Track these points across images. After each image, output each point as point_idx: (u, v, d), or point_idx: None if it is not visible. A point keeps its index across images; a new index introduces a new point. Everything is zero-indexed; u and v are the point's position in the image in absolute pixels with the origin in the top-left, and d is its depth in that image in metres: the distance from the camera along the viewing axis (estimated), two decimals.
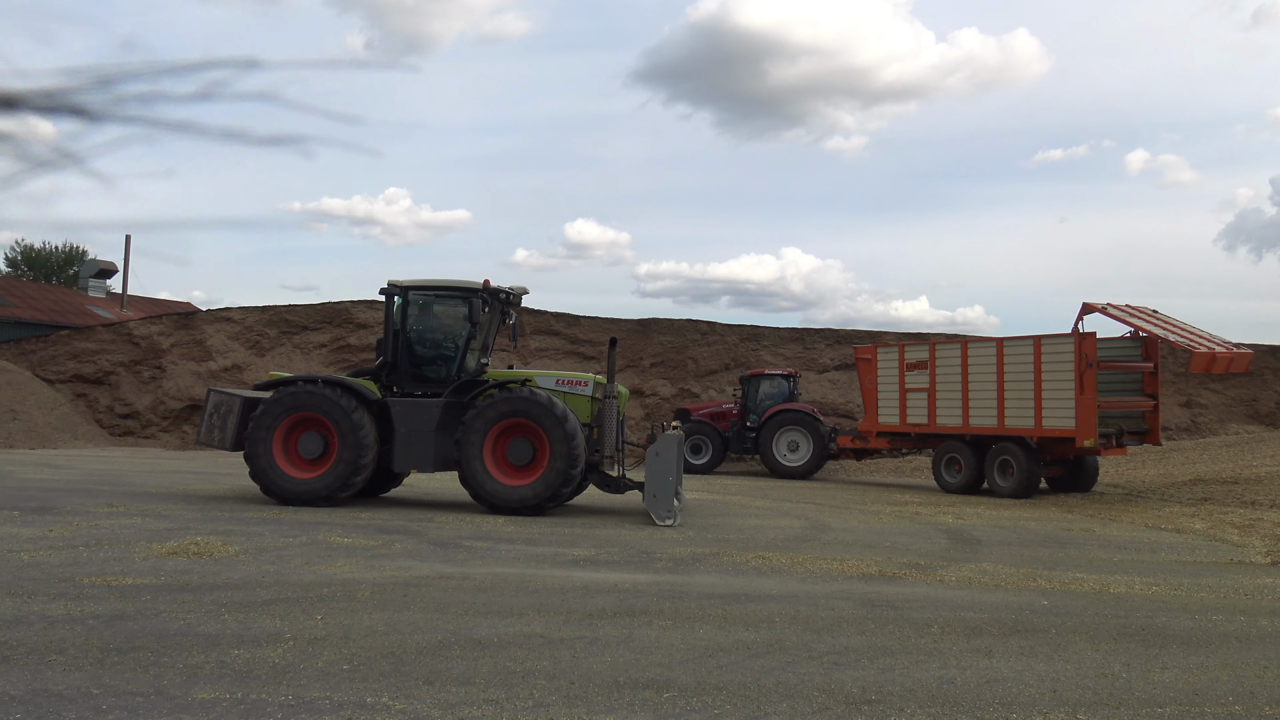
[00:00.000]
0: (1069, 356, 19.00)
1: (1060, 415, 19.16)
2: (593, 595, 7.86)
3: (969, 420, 20.59)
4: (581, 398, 14.18)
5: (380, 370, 14.31)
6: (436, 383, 14.24)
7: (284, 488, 13.59)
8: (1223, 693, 5.65)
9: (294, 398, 13.70)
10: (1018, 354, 19.93)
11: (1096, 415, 18.92)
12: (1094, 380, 18.86)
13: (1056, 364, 19.30)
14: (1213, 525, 14.66)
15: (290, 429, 13.77)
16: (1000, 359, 20.19)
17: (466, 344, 14.44)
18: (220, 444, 14.44)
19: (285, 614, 6.80)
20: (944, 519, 15.15)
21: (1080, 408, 18.77)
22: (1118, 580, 9.56)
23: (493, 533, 11.67)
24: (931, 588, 8.85)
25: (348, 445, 13.46)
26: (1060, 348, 19.21)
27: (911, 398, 21.79)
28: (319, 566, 8.79)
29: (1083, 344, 18.85)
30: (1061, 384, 19.19)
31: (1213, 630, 7.34)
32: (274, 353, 32.61)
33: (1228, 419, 30.62)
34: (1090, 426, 18.76)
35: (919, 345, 22.43)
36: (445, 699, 5.05)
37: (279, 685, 5.17)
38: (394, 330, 14.34)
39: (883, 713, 5.09)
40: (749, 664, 5.94)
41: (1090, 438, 18.82)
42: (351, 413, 13.48)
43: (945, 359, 21.32)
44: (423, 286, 14.45)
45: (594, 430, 14.13)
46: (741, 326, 32.79)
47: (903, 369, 21.97)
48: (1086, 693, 5.57)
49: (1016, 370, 19.94)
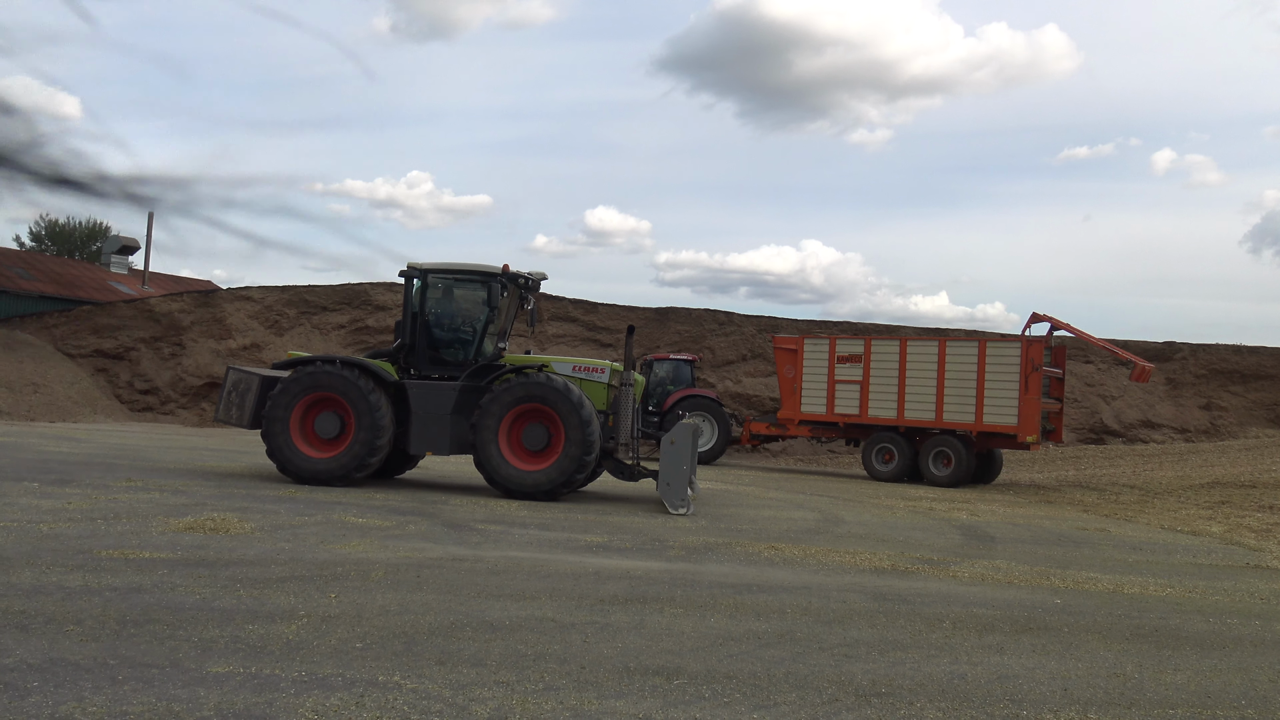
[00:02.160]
0: (1015, 359, 21.05)
1: (1002, 413, 21.09)
2: (605, 581, 7.88)
3: (904, 413, 22.11)
4: (598, 384, 14.19)
5: (398, 352, 14.34)
6: (454, 366, 14.27)
7: (300, 466, 13.66)
8: (1235, 696, 5.62)
9: (312, 378, 13.76)
10: (961, 354, 21.82)
11: (1039, 414, 20.98)
12: (1039, 383, 20.96)
13: (1001, 365, 21.23)
14: (1230, 528, 14.56)
15: (307, 408, 13.84)
16: (942, 357, 21.90)
17: (485, 328, 14.45)
18: (238, 421, 14.54)
19: (299, 591, 6.85)
20: (958, 515, 15.11)
21: (1024, 406, 20.84)
22: (1132, 581, 9.51)
23: (506, 516, 11.71)
24: (944, 583, 8.83)
25: (364, 426, 13.52)
26: (1006, 351, 21.34)
27: (842, 389, 22.90)
28: (333, 545, 8.85)
29: (1030, 349, 21.01)
30: (1005, 384, 21.12)
31: (1227, 633, 7.30)
32: (293, 332, 32.78)
33: (1248, 422, 30.37)
34: (1033, 424, 20.86)
35: (853, 340, 23.49)
36: (456, 679, 5.08)
37: (292, 661, 5.21)
38: (412, 313, 14.37)
39: (892, 705, 5.08)
40: (759, 654, 5.94)
41: (1032, 434, 20.90)
42: (369, 394, 13.53)
43: (881, 354, 22.62)
44: (442, 270, 14.47)
45: (609, 417, 14.14)
46: (759, 318, 32.72)
47: (833, 361, 22.99)
48: (1098, 692, 5.55)
49: (959, 369, 21.70)
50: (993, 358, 21.38)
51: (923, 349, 22.29)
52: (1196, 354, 31.34)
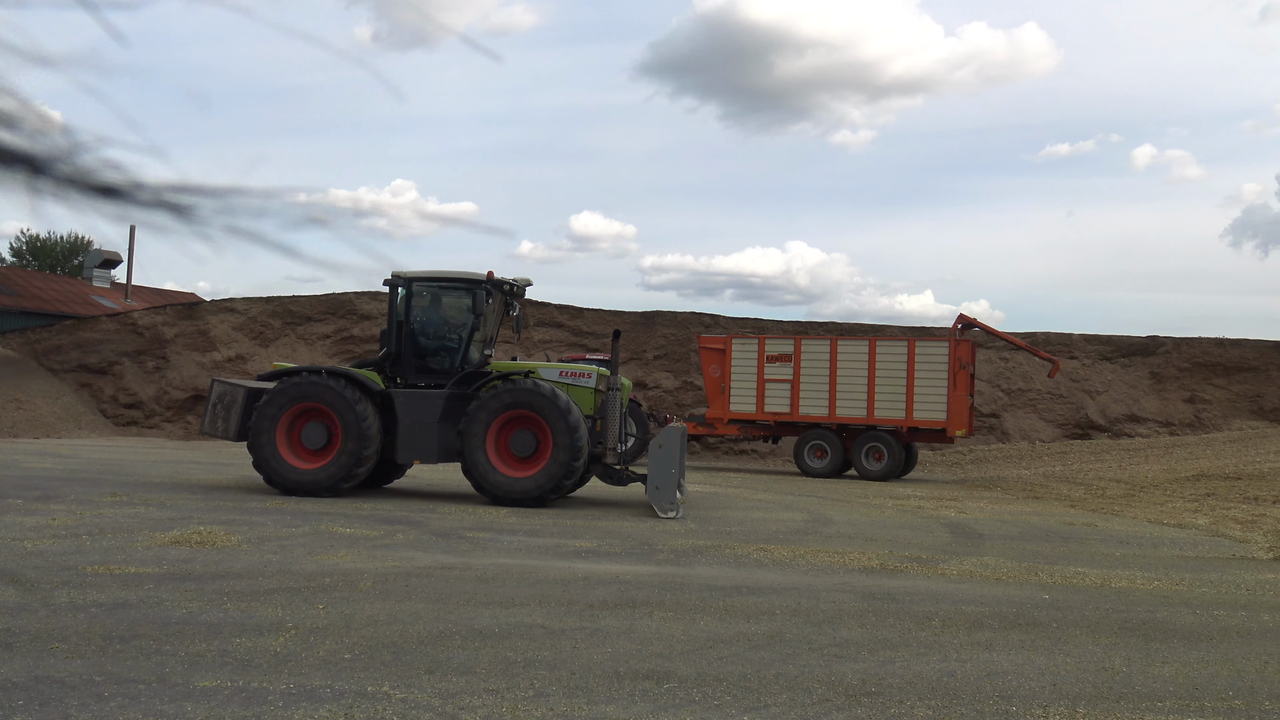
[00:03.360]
0: (943, 358, 22.18)
1: (932, 409, 22.18)
2: (594, 586, 7.87)
3: (835, 410, 22.77)
4: (585, 389, 14.17)
5: (384, 361, 14.30)
6: (440, 374, 14.23)
7: (287, 478, 13.60)
8: (1223, 687, 5.65)
9: (298, 388, 13.70)
10: (891, 352, 22.63)
11: (968, 409, 22.29)
12: (966, 380, 22.22)
13: (930, 363, 22.28)
14: (1215, 521, 14.65)
15: (294, 419, 13.77)
16: (873, 356, 22.64)
17: (470, 335, 14.41)
18: (224, 434, 14.43)
19: (287, 603, 6.82)
20: (946, 513, 15.16)
21: (953, 402, 21.99)
22: (1119, 575, 9.56)
23: (494, 524, 11.68)
24: (933, 581, 8.85)
25: (351, 436, 13.46)
26: (934, 350, 22.45)
27: (772, 388, 23.31)
28: (321, 556, 8.81)
29: (958, 348, 22.18)
30: (934, 381, 22.18)
31: (1214, 625, 7.34)
32: (277, 343, 32.65)
33: (1231, 415, 30.56)
34: (962, 419, 22.12)
35: (782, 339, 24.06)
36: (446, 688, 5.06)
37: (280, 674, 5.18)
38: (397, 321, 14.33)
39: (883, 705, 5.09)
40: (749, 655, 5.95)
41: (961, 428, 22.21)
42: (355, 404, 13.48)
43: (812, 353, 23.21)
44: (426, 278, 14.43)
45: (597, 422, 14.12)
46: (745, 319, 32.76)
47: (762, 360, 23.39)
48: (1087, 686, 5.57)
49: (889, 367, 22.52)
50: (922, 356, 22.42)
51: (853, 348, 22.98)
52: (1180, 347, 31.54)
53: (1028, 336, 31.98)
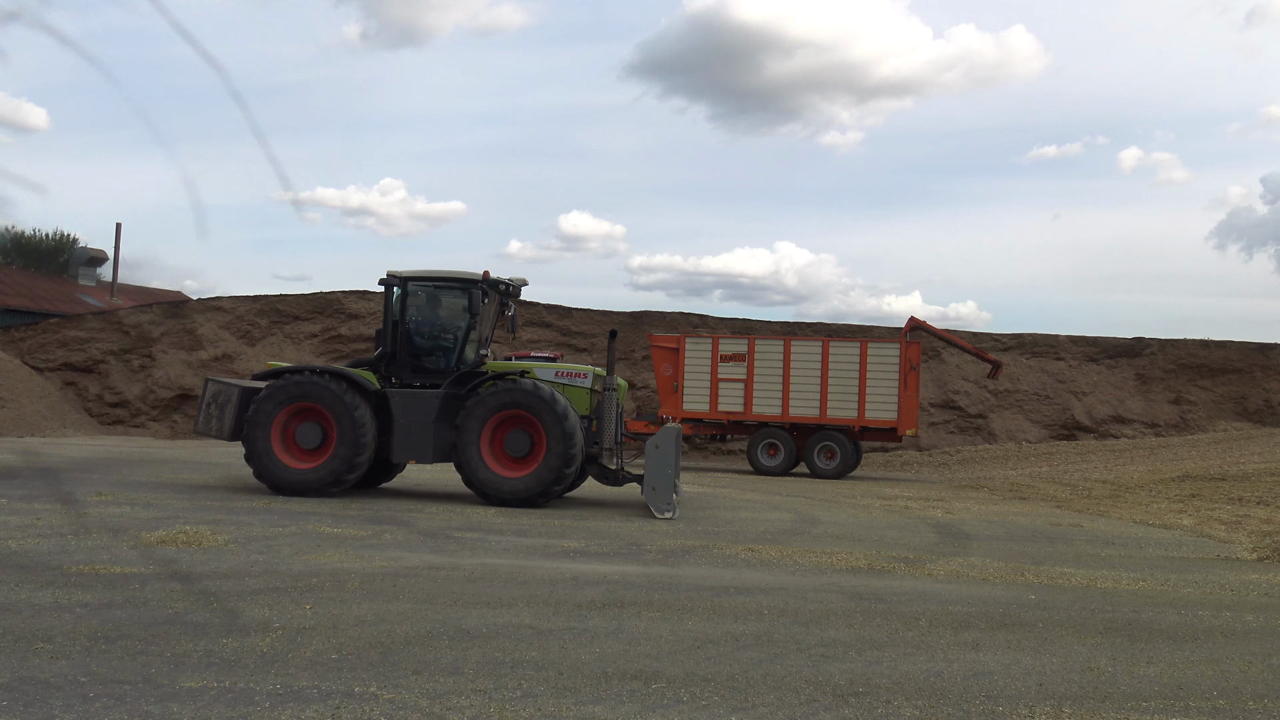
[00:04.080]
0: (894, 359, 22.90)
1: (883, 408, 22.90)
2: (582, 586, 7.87)
3: (789, 410, 23.24)
4: (580, 390, 14.13)
5: (379, 361, 14.26)
6: (435, 374, 14.18)
7: (282, 478, 13.55)
8: (1207, 687, 5.69)
9: (292, 388, 13.65)
10: (843, 353, 23.25)
11: (918, 409, 23.20)
12: (917, 380, 22.98)
13: (881, 364, 22.95)
14: (1200, 521, 14.73)
15: (288, 419, 13.71)
16: (825, 357, 23.26)
17: (466, 335, 14.37)
18: (218, 434, 14.34)
19: (274, 603, 6.80)
20: (933, 513, 15.20)
21: (903, 402, 22.75)
22: (1105, 575, 9.60)
23: (482, 524, 11.67)
24: (920, 581, 8.88)
25: (346, 436, 13.41)
26: (886, 351, 23.11)
27: (725, 387, 23.72)
28: (308, 556, 8.78)
29: (908, 350, 22.92)
30: (886, 381, 22.89)
31: (1198, 625, 7.39)
32: (265, 342, 32.53)
33: (1216, 416, 30.74)
34: (912, 418, 22.88)
35: (736, 339, 24.41)
36: (433, 689, 5.06)
37: (267, 674, 5.16)
38: (393, 321, 14.29)
39: (869, 705, 5.10)
40: (737, 655, 5.95)
41: (912, 428, 22.95)
42: (350, 403, 13.43)
43: (766, 353, 23.64)
44: (422, 277, 14.41)
45: (593, 423, 14.09)
46: (734, 320, 32.79)
47: (715, 360, 23.74)
48: (1072, 686, 5.60)
49: (842, 367, 23.16)
50: (874, 357, 23.06)
51: (806, 349, 23.52)
52: (1165, 349, 31.71)
53: (1015, 338, 32.11)
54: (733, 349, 23.89)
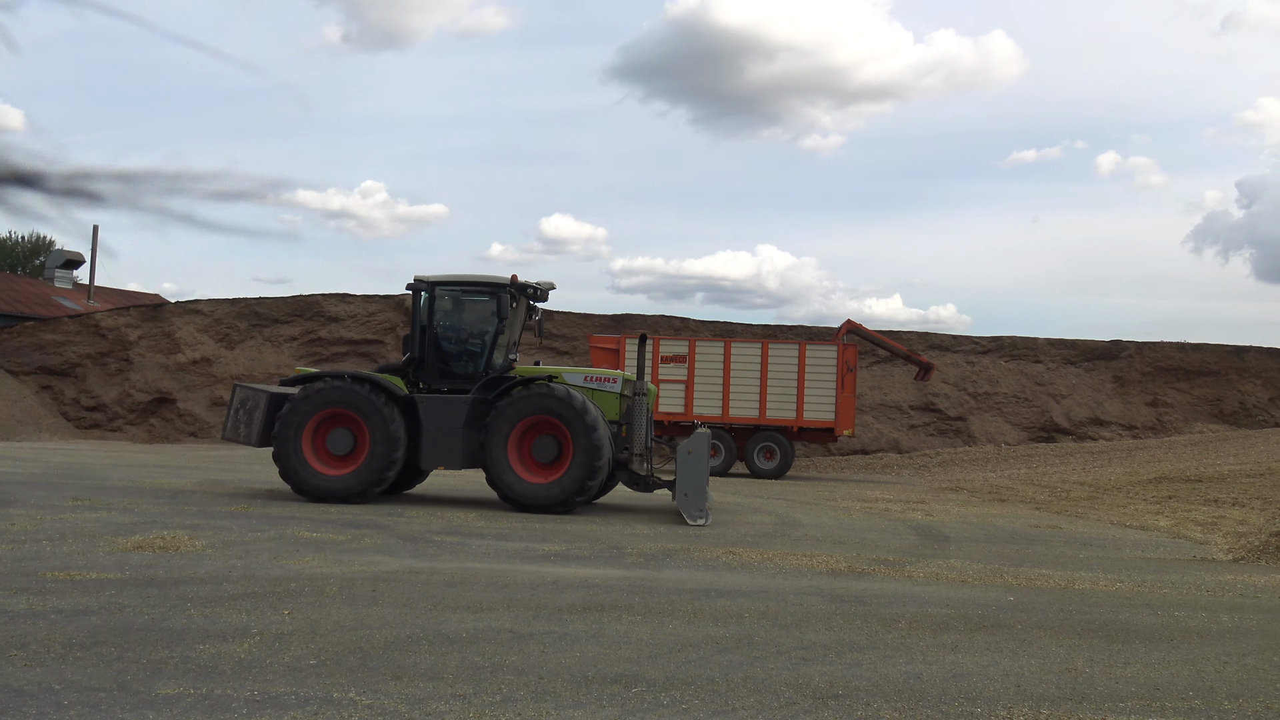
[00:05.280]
0: (832, 361, 23.44)
1: (821, 409, 23.46)
2: (562, 590, 7.85)
3: (729, 410, 23.66)
4: (610, 395, 14.04)
5: (407, 366, 14.19)
6: (464, 379, 14.11)
7: (315, 485, 13.48)
8: (1183, 688, 5.73)
9: (323, 394, 13.59)
10: (782, 356, 23.72)
11: (855, 410, 23.81)
12: (854, 382, 23.69)
13: (819, 367, 23.46)
14: (1176, 523, 14.86)
15: (318, 425, 13.66)
16: (765, 359, 23.67)
17: (494, 340, 14.30)
18: (246, 440, 14.30)
19: (252, 609, 6.75)
20: (913, 516, 15.26)
21: (840, 404, 23.38)
22: (1083, 576, 9.67)
23: (463, 527, 11.63)
24: (900, 584, 8.91)
25: (379, 442, 13.34)
26: (823, 353, 23.65)
27: (666, 388, 24.00)
28: (287, 561, 8.73)
29: (845, 352, 23.56)
30: (824, 383, 23.43)
31: (1174, 626, 7.44)
32: (243, 345, 32.32)
33: (1192, 418, 31.01)
34: (849, 419, 23.53)
35: (676, 340, 24.68)
36: (412, 694, 5.03)
37: (244, 680, 5.13)
38: (420, 326, 14.21)
39: (849, 707, 5.12)
40: (717, 659, 5.96)
41: (849, 429, 23.61)
42: (382, 408, 13.38)
43: (706, 355, 24.01)
44: (450, 282, 14.37)
45: (622, 428, 13.97)
46: (715, 323, 32.85)
47: (656, 361, 23.94)
48: (1050, 687, 5.63)
49: (781, 369, 23.59)
50: (812, 359, 23.52)
51: (746, 350, 23.88)
52: (1142, 352, 31.96)
53: (994, 340, 32.30)
54: (673, 350, 24.05)
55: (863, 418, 30.53)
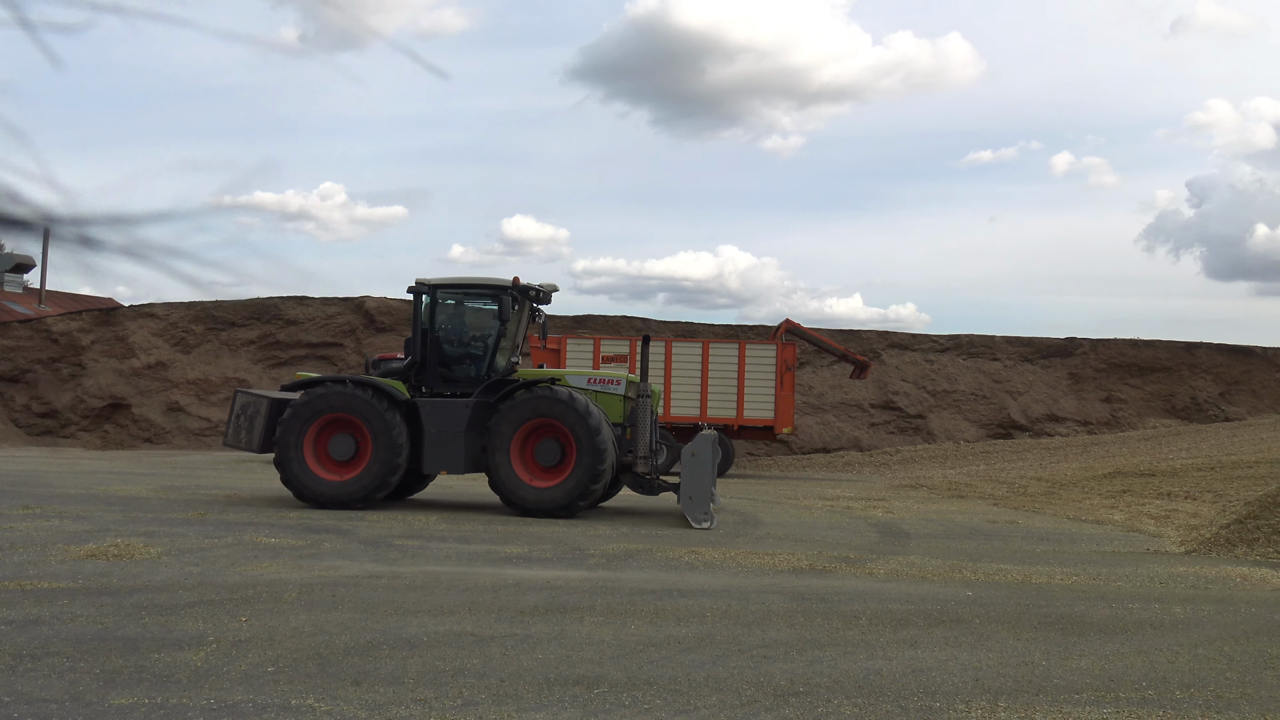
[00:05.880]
0: (771, 360, 23.58)
1: (761, 408, 23.57)
2: (524, 592, 7.83)
3: (670, 409, 23.61)
4: (614, 397, 13.95)
5: (409, 370, 14.05)
6: (466, 382, 13.99)
7: (318, 491, 13.33)
8: (1137, 679, 5.83)
9: (324, 399, 13.45)
10: (723, 355, 23.83)
11: (793, 408, 24.01)
12: (793, 381, 23.85)
13: (759, 365, 23.62)
14: (1130, 516, 15.10)
15: (320, 430, 13.52)
16: (705, 357, 23.78)
17: (496, 343, 14.19)
18: (247, 446, 14.16)
19: (208, 616, 6.66)
20: (874, 513, 15.39)
21: (780, 402, 23.52)
22: (1039, 571, 9.80)
23: (424, 531, 11.56)
24: (860, 580, 8.98)
25: (382, 446, 13.21)
26: (763, 352, 23.80)
27: None
28: (244, 567, 8.62)
29: (784, 351, 23.75)
30: (763, 382, 23.57)
31: (1129, 618, 7.57)
32: (200, 349, 31.89)
33: (1146, 413, 31.55)
34: (788, 417, 23.70)
35: (618, 340, 24.78)
36: (373, 699, 4.99)
37: (200, 689, 5.06)
38: (422, 329, 14.08)
39: (810, 704, 5.15)
40: (680, 659, 5.97)
41: (788, 426, 23.76)
42: (384, 413, 13.25)
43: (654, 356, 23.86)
44: (451, 284, 14.26)
45: (627, 430, 13.90)
46: (677, 323, 32.91)
47: (597, 360, 24.04)
48: (1007, 681, 5.70)
49: (721, 368, 23.71)
50: (752, 358, 23.69)
51: (687, 350, 24.02)
52: (1097, 349, 32.46)
53: (952, 339, 32.65)
54: (614, 350, 24.01)
55: (824, 416, 30.74)
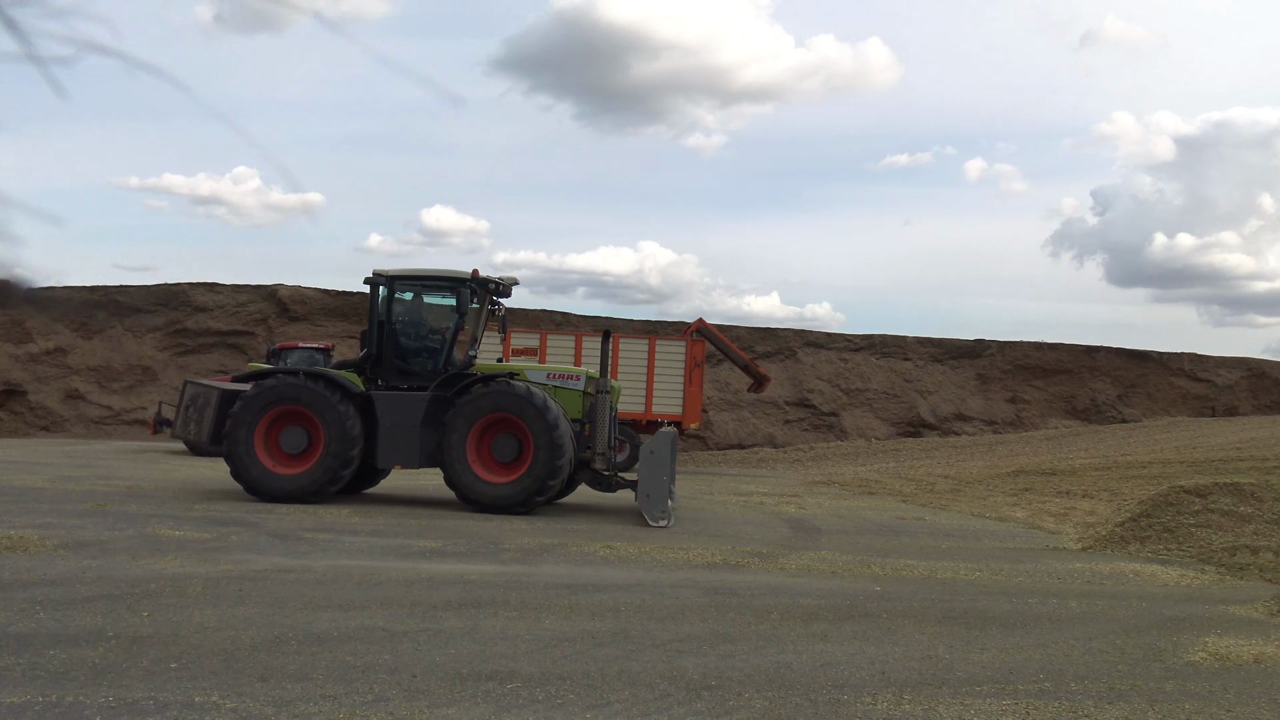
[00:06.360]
0: (680, 356, 23.84)
1: (669, 403, 23.84)
2: (438, 587, 7.76)
3: None
4: (573, 392, 13.75)
5: (364, 362, 13.69)
6: (422, 376, 13.68)
7: (267, 485, 12.97)
8: (1034, 671, 6.04)
9: (275, 390, 13.08)
10: (633, 350, 24.09)
11: (701, 404, 24.37)
12: (701, 377, 24.15)
13: (668, 361, 23.88)
14: (1032, 514, 15.60)
15: (271, 423, 13.13)
16: (615, 352, 23.50)
17: (454, 336, 13.91)
18: (196, 438, 13.78)
19: (108, 611, 6.46)
20: (787, 509, 15.62)
21: (688, 398, 23.76)
22: (944, 566, 10.07)
23: (336, 524, 11.36)
24: (772, 575, 9.11)
25: (333, 440, 12.89)
26: (672, 348, 24.10)
27: None
28: (146, 561, 8.37)
29: (693, 348, 24.06)
30: (672, 378, 23.80)
31: (1028, 612, 7.83)
32: (103, 336, 30.81)
33: (1048, 414, 32.62)
34: (696, 412, 24.08)
35: (529, 333, 25.09)
36: (280, 696, 4.90)
37: (99, 686, 4.90)
38: (378, 321, 13.73)
39: (721, 698, 5.21)
40: (593, 653, 5.99)
41: (695, 422, 24.14)
42: (337, 405, 12.92)
43: (558, 349, 24.26)
44: (409, 276, 13.94)
45: (585, 426, 13.72)
46: (596, 318, 32.92)
47: (507, 354, 23.95)
48: (913, 674, 5.85)
49: (631, 363, 23.92)
50: (661, 354, 23.94)
51: (597, 344, 23.85)
52: (1004, 351, 33.45)
53: (866, 338, 33.31)
54: (524, 343, 23.95)
55: (739, 412, 31.08)
